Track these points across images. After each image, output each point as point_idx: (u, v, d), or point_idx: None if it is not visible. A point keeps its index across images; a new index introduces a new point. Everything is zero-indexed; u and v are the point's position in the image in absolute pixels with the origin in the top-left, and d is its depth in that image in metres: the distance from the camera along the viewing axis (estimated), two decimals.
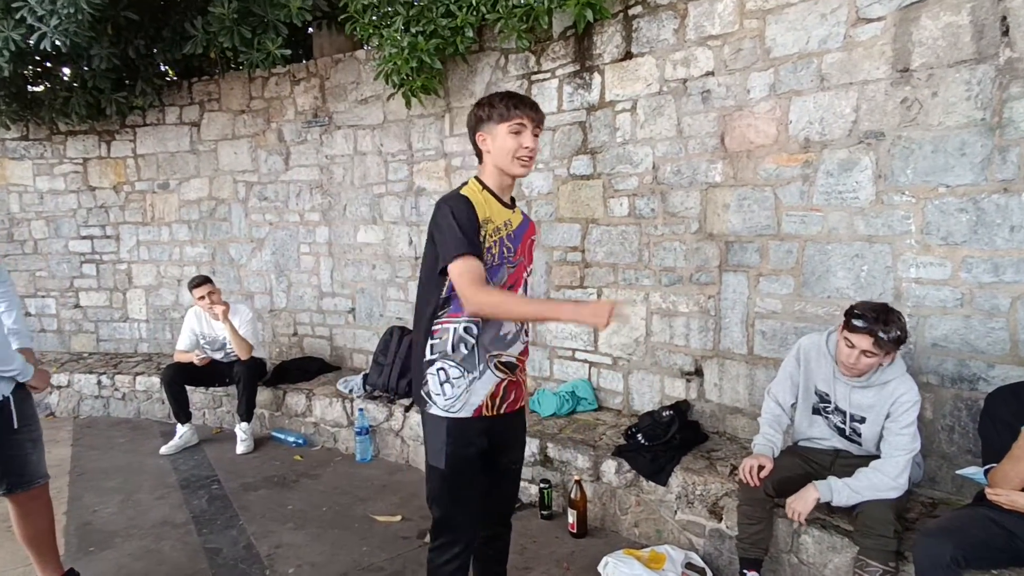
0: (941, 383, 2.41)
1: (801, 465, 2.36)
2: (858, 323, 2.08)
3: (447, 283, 1.71)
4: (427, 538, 1.82)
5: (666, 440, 2.90)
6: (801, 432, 2.44)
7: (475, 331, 1.77)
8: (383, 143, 4.42)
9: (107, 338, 5.56)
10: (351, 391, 4.14)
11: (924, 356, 2.44)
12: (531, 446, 3.21)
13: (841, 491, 2.12)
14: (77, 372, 4.99)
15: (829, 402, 2.31)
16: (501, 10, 3.41)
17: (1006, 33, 2.19)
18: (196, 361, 4.09)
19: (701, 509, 2.64)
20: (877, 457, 2.17)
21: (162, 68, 4.88)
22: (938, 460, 2.44)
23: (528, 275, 1.93)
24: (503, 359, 1.82)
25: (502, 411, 1.84)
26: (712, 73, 2.97)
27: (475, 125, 1.80)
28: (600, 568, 2.54)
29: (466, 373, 1.76)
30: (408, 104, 3.98)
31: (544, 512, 3.05)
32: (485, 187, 1.80)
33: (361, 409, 3.91)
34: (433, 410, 1.78)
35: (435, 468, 1.79)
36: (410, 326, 4.30)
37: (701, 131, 3.03)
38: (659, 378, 3.32)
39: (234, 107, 5.02)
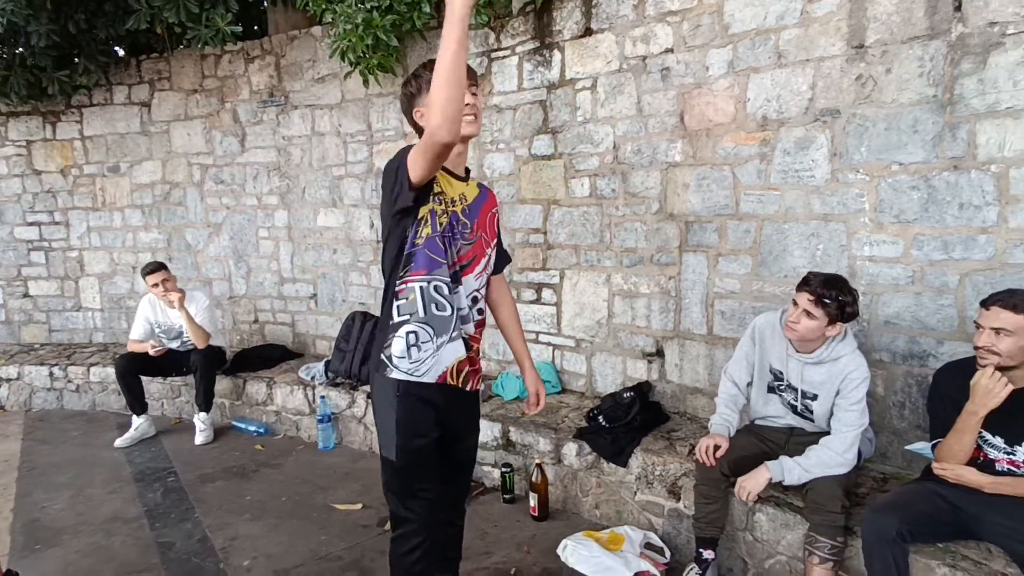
0: (893, 360, 2.43)
1: (756, 444, 2.37)
2: (808, 281, 2.12)
3: (408, 238, 1.63)
4: (387, 526, 1.76)
5: (627, 422, 2.89)
6: (757, 411, 2.45)
7: (447, 291, 1.67)
8: (342, 123, 4.29)
9: (60, 328, 5.37)
10: (313, 378, 4.06)
11: (877, 334, 2.46)
12: (493, 430, 3.18)
13: (792, 470, 2.13)
14: (28, 364, 4.81)
15: (782, 380, 2.32)
16: None
17: (959, 8, 2.18)
18: (151, 351, 3.96)
19: (660, 489, 2.65)
20: (828, 433, 2.19)
21: (109, 45, 4.63)
22: (889, 436, 2.47)
23: (491, 250, 1.83)
24: (463, 336, 1.75)
25: (465, 386, 1.78)
26: (671, 50, 2.92)
27: (409, 104, 1.71)
28: (559, 551, 2.53)
29: (435, 337, 1.68)
30: (366, 83, 3.86)
31: (506, 496, 3.04)
32: None
33: (323, 396, 3.83)
34: (394, 374, 1.68)
35: (387, 459, 1.72)
36: (373, 311, 4.25)
37: (661, 109, 2.98)
38: (621, 360, 3.31)
39: (186, 86, 4.82)
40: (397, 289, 1.68)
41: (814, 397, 2.24)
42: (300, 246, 4.63)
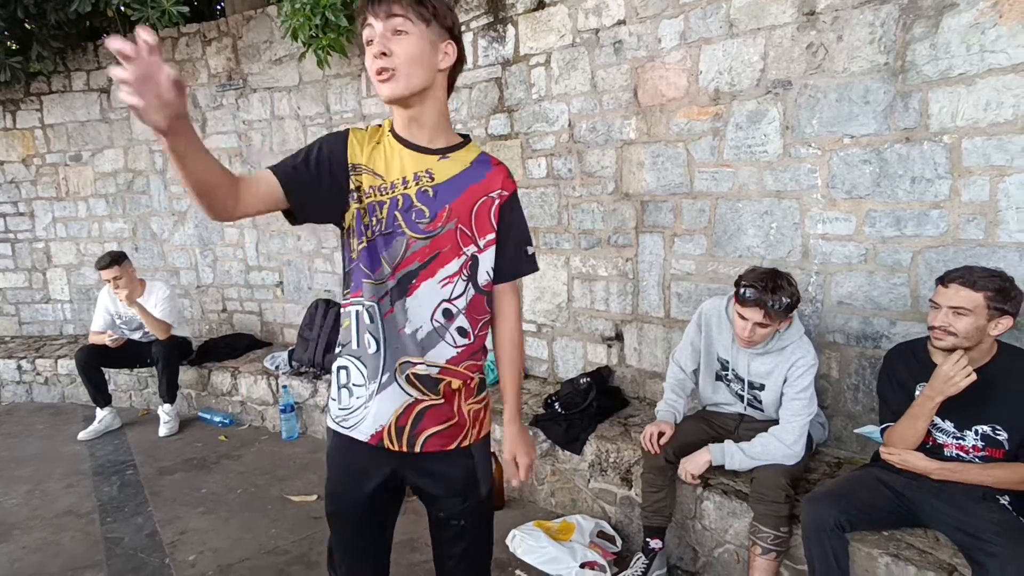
0: (847, 342, 2.35)
1: (704, 430, 2.30)
2: (747, 294, 1.99)
3: (346, 253, 1.28)
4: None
5: (583, 408, 2.82)
6: (707, 397, 2.37)
7: (368, 319, 1.24)
8: (300, 106, 4.17)
9: (30, 320, 5.31)
10: (277, 368, 4.00)
11: (830, 315, 2.37)
12: None
13: (734, 455, 2.06)
14: None
15: (728, 369, 2.23)
16: None
17: None
18: (109, 342, 3.90)
19: (614, 477, 2.59)
20: (778, 422, 2.11)
21: (62, 29, 4.49)
22: (844, 419, 2.39)
23: (479, 249, 1.28)
24: (417, 370, 1.26)
25: (416, 449, 1.28)
26: (623, 22, 2.79)
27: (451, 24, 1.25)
28: (508, 541, 2.48)
29: (367, 380, 1.26)
30: (321, 64, 3.74)
31: None
32: (392, 131, 1.27)
33: (285, 386, 3.77)
34: (328, 420, 1.35)
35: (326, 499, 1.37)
36: (337, 299, 4.18)
37: (614, 85, 2.87)
38: (582, 344, 3.23)
39: None
40: (342, 315, 1.33)
41: (761, 387, 2.16)
42: (264, 233, 4.54)
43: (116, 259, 3.81)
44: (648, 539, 2.27)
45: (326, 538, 1.42)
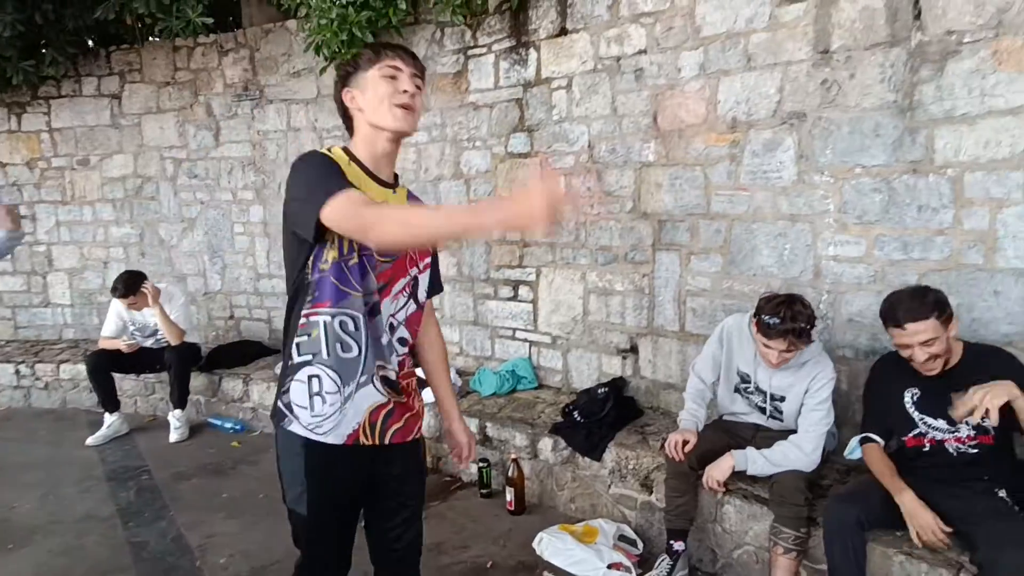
0: (856, 356, 2.52)
1: (724, 438, 2.44)
2: (771, 326, 2.12)
3: (309, 263, 1.35)
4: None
5: (601, 416, 2.95)
6: (724, 407, 2.52)
7: (353, 326, 1.37)
8: (317, 118, 4.26)
9: (27, 324, 5.25)
10: None
11: (841, 331, 2.54)
12: (471, 425, 3.21)
13: (756, 461, 2.21)
14: None
15: (750, 382, 2.39)
16: None
17: (918, 16, 2.25)
18: (124, 348, 3.91)
19: (633, 483, 2.71)
20: (795, 431, 2.27)
21: (77, 36, 4.52)
22: (852, 430, 2.54)
23: (420, 272, 1.50)
24: (387, 373, 1.43)
25: (386, 441, 1.44)
26: (645, 51, 2.96)
27: (341, 84, 1.42)
28: (535, 544, 2.58)
29: (342, 385, 1.37)
30: None
31: (483, 491, 3.08)
32: (353, 158, 1.40)
33: None
34: (293, 427, 1.39)
35: (295, 512, 1.43)
36: None
37: (635, 109, 3.03)
38: (596, 356, 3.36)
39: (158, 78, 4.74)
40: (299, 323, 1.38)
41: (783, 399, 2.32)
42: (276, 241, 4.58)
43: (132, 287, 3.79)
44: (672, 541, 2.39)
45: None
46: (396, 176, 1.49)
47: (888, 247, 2.39)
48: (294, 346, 1.39)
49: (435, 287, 1.60)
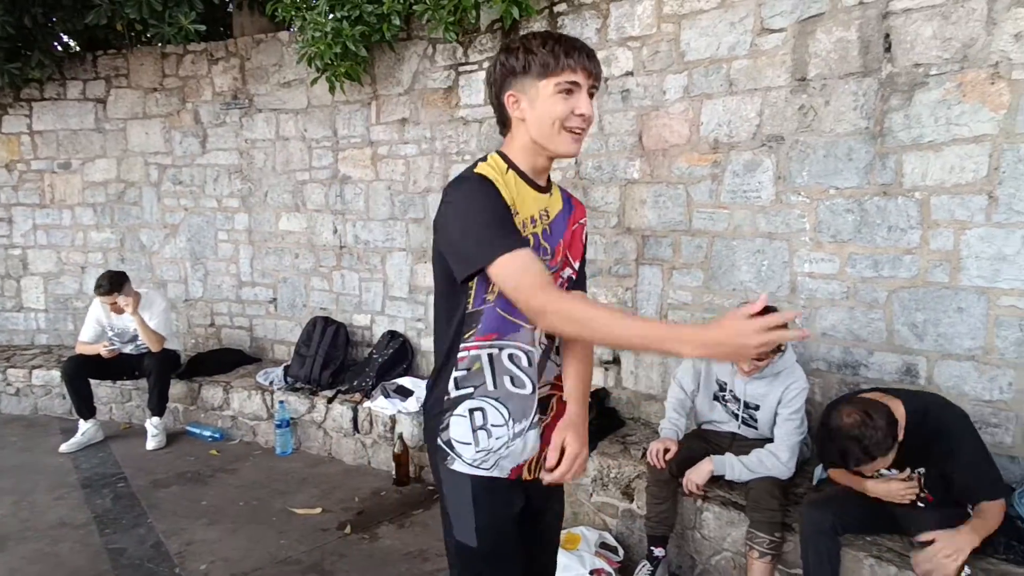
0: (829, 368, 2.63)
1: (703, 446, 2.51)
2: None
3: (471, 292, 1.26)
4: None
5: None
6: (703, 415, 2.60)
7: (527, 361, 1.29)
8: (307, 128, 4.30)
9: None
10: (271, 383, 4.03)
11: (815, 344, 2.65)
12: None
13: (734, 466, 2.29)
14: None
15: (727, 390, 2.47)
16: (428, 1, 3.39)
17: (888, 49, 2.40)
18: (104, 353, 3.85)
19: (615, 491, 2.77)
20: (770, 440, 2.36)
21: (64, 39, 4.51)
22: None
23: (572, 275, 1.41)
24: (540, 393, 1.35)
25: (537, 476, 1.35)
26: (631, 73, 3.08)
27: (502, 80, 1.27)
28: None
29: (511, 421, 1.29)
30: (332, 90, 3.89)
31: None
32: (512, 166, 1.29)
33: (282, 401, 3.81)
34: (456, 465, 1.30)
35: (464, 545, 1.32)
36: (335, 316, 4.26)
37: (621, 129, 3.14)
38: None
39: (145, 84, 4.73)
40: (457, 356, 1.29)
41: (756, 407, 2.41)
42: (260, 250, 4.59)
43: (115, 285, 3.76)
44: (652, 547, 2.45)
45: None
46: (550, 180, 1.39)
47: (860, 265, 2.51)
48: (451, 381, 1.30)
49: (581, 283, 1.48)
